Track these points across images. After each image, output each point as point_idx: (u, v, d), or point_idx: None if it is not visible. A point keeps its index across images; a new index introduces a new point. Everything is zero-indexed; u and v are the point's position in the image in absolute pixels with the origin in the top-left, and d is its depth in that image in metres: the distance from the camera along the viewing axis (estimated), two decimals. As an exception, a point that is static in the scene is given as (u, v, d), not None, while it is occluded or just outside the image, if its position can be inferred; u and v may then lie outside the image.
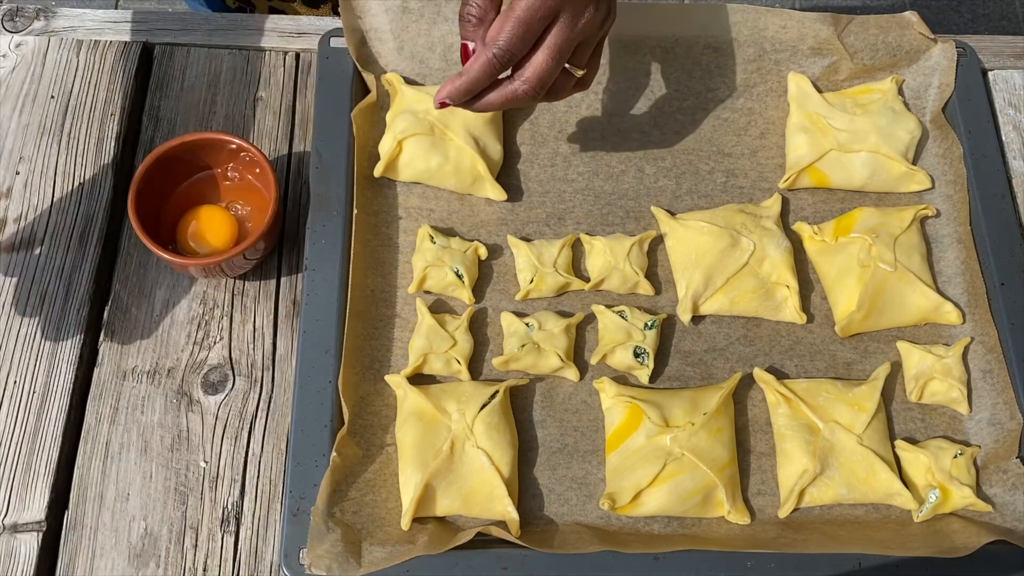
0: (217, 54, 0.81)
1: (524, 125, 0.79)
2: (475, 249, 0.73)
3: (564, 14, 0.60)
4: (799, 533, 0.65)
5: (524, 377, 0.70)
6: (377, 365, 0.70)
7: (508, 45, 0.59)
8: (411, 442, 0.65)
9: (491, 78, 0.61)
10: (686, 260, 0.73)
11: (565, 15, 0.60)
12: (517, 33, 0.59)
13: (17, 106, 0.78)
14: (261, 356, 0.70)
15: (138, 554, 0.64)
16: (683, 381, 0.71)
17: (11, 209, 0.74)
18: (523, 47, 0.60)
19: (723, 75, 0.80)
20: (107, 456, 0.67)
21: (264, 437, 0.68)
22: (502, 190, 0.75)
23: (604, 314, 0.71)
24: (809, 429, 0.67)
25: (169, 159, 0.70)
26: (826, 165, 0.77)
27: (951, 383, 0.69)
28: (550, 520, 0.66)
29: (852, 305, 0.72)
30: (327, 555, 0.61)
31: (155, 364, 0.70)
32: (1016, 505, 0.66)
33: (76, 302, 0.71)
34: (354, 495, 0.65)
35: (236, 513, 0.66)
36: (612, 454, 0.67)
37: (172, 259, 0.67)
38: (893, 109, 0.78)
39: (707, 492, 0.65)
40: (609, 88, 0.80)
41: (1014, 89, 0.83)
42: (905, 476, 0.67)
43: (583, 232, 0.75)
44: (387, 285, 0.73)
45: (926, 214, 0.76)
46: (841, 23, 0.79)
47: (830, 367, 0.72)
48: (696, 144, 0.80)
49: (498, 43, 0.59)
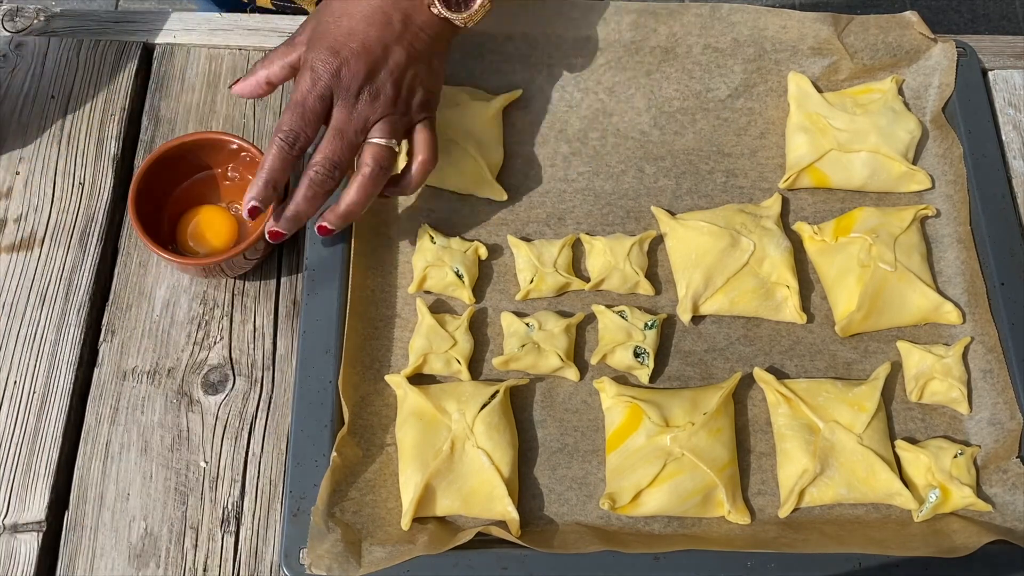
0: (217, 54, 0.81)
1: (524, 125, 0.79)
2: (475, 249, 0.73)
3: (337, 97, 0.64)
4: (799, 533, 0.65)
5: (524, 377, 0.70)
6: (377, 365, 0.70)
7: (290, 127, 0.62)
8: (411, 442, 0.65)
9: (284, 163, 0.63)
10: (686, 260, 0.73)
11: (338, 98, 0.64)
12: (296, 115, 0.62)
13: (17, 106, 0.78)
14: (261, 356, 0.71)
15: (138, 554, 0.64)
16: (683, 381, 0.71)
17: (11, 209, 0.74)
18: (305, 127, 0.62)
19: (723, 75, 0.80)
20: (107, 456, 0.67)
21: (264, 437, 0.68)
22: (502, 190, 0.75)
23: (604, 314, 0.71)
24: (809, 429, 0.67)
25: (169, 159, 0.70)
26: (826, 165, 0.77)
27: (951, 383, 0.69)
28: (550, 520, 0.66)
29: (852, 305, 0.72)
30: (327, 555, 0.61)
31: (155, 364, 0.70)
32: (1016, 505, 0.66)
33: (76, 302, 0.71)
34: (354, 495, 0.65)
35: (236, 513, 0.66)
36: (612, 454, 0.67)
37: (172, 259, 0.67)
38: (893, 109, 0.78)
39: (707, 492, 0.65)
40: (609, 88, 0.80)
41: (1014, 89, 0.83)
42: (905, 476, 0.67)
43: (583, 232, 0.75)
44: (387, 285, 0.73)
45: (926, 214, 0.76)
46: (841, 23, 0.79)
47: (830, 367, 0.72)
48: (696, 144, 0.80)
49: (281, 128, 0.62)
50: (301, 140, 0.62)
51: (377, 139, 0.65)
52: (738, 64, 0.80)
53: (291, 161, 0.63)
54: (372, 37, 0.64)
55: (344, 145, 0.64)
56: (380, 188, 0.67)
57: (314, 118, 0.63)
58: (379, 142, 0.65)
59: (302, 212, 0.65)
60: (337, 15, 0.65)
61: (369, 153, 0.65)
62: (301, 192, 0.64)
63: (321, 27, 0.65)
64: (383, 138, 0.65)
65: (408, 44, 0.65)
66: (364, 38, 0.63)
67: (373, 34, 0.64)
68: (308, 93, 0.63)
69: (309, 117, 0.63)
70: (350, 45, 0.63)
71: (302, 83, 0.63)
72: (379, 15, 0.64)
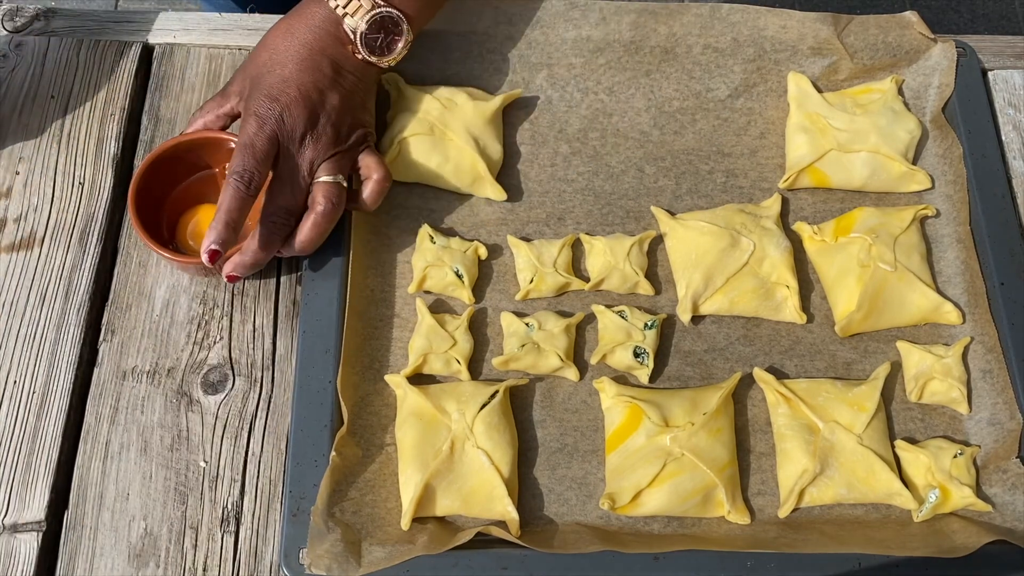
0: (217, 54, 0.81)
1: (524, 125, 0.79)
2: (475, 249, 0.73)
3: (284, 142, 0.66)
4: (799, 533, 0.65)
5: (524, 377, 0.70)
6: (377, 365, 0.70)
7: (243, 167, 0.63)
8: (411, 442, 0.65)
9: (242, 203, 0.63)
10: (686, 260, 0.73)
11: (284, 144, 0.66)
12: (247, 155, 0.64)
13: (17, 106, 0.78)
14: (261, 356, 0.70)
15: (138, 554, 0.64)
16: (683, 381, 0.71)
17: (11, 209, 0.74)
18: (257, 165, 0.64)
19: (723, 75, 0.80)
20: (107, 456, 0.67)
21: (264, 437, 0.68)
22: (502, 190, 0.75)
23: (604, 314, 0.71)
24: (809, 429, 0.67)
25: (169, 158, 0.70)
26: (826, 165, 0.77)
27: (951, 383, 0.69)
28: (550, 520, 0.66)
29: (852, 305, 0.72)
30: (327, 555, 0.61)
31: (155, 364, 0.70)
32: (1016, 505, 0.66)
33: (76, 302, 0.71)
34: (354, 495, 0.65)
35: (236, 513, 0.66)
36: (612, 454, 0.67)
37: (172, 258, 0.67)
38: (893, 109, 0.78)
39: (707, 492, 0.65)
40: (609, 88, 0.80)
41: (1014, 89, 0.83)
42: (905, 476, 0.67)
43: (583, 232, 0.75)
44: (387, 285, 0.73)
45: (926, 214, 0.76)
46: (841, 23, 0.79)
47: (830, 367, 0.72)
48: (696, 144, 0.80)
49: (235, 170, 0.63)
50: (256, 179, 0.64)
51: (325, 177, 0.68)
52: (738, 64, 0.80)
53: (248, 201, 0.64)
54: (307, 83, 0.67)
55: (295, 191, 0.67)
56: (334, 223, 0.69)
57: (264, 157, 0.64)
58: (328, 180, 0.68)
59: (260, 259, 0.67)
60: (269, 65, 0.67)
61: (320, 191, 0.67)
62: (258, 240, 0.66)
63: (256, 77, 0.67)
64: (331, 175, 0.68)
65: (340, 87, 0.69)
66: (299, 84, 0.66)
67: (307, 80, 0.67)
68: (256, 135, 0.64)
69: (260, 156, 0.64)
70: (288, 92, 0.66)
71: (248, 127, 0.65)
72: (309, 62, 0.67)
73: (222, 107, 0.70)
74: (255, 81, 0.67)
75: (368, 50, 0.69)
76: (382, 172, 0.70)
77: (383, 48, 0.70)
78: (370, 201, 0.70)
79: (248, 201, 0.64)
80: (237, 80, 0.70)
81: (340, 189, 0.68)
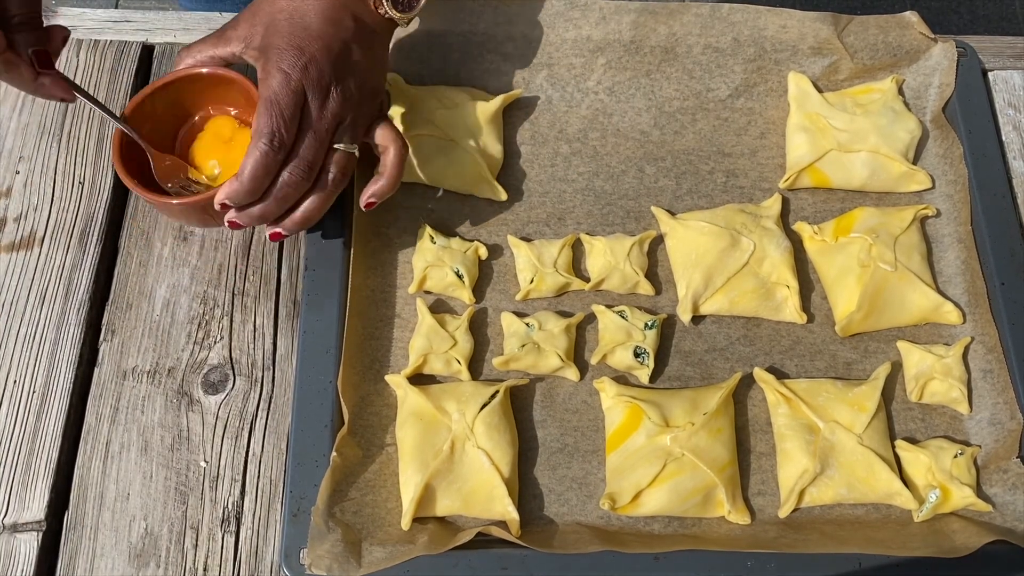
0: (217, 54, 0.81)
1: (524, 125, 0.79)
2: (475, 249, 0.73)
3: (310, 96, 0.61)
4: (799, 533, 0.65)
5: (524, 377, 0.70)
6: (377, 365, 0.70)
7: (271, 129, 0.59)
8: (411, 442, 0.65)
9: (269, 169, 0.60)
10: (686, 260, 0.73)
11: (312, 98, 0.61)
12: (274, 116, 0.59)
13: (17, 106, 0.78)
14: (261, 356, 0.70)
15: (138, 554, 0.64)
16: (683, 381, 0.71)
17: (11, 209, 0.74)
18: (284, 126, 0.60)
19: (723, 75, 0.80)
20: (107, 456, 0.67)
21: (264, 437, 0.68)
22: (502, 190, 0.75)
23: (604, 314, 0.71)
24: (809, 429, 0.67)
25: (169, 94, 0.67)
26: (826, 165, 0.77)
27: (951, 383, 0.69)
28: (550, 520, 0.66)
29: (852, 305, 0.72)
30: (327, 555, 0.61)
31: (155, 364, 0.70)
32: (1016, 505, 0.66)
33: (76, 302, 0.71)
34: (354, 495, 0.65)
35: (236, 513, 0.66)
36: (612, 454, 0.67)
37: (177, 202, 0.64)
38: (893, 109, 0.78)
39: (707, 492, 0.65)
40: (609, 88, 0.80)
41: (1014, 89, 0.83)
42: (905, 476, 0.67)
43: (583, 232, 0.75)
44: (387, 285, 0.73)
45: (926, 214, 0.76)
46: (841, 23, 0.79)
47: (830, 367, 0.72)
48: (696, 144, 0.80)
49: (262, 132, 0.59)
50: (284, 139, 0.60)
51: (342, 145, 0.64)
52: (738, 64, 0.80)
53: (275, 163, 0.60)
54: (331, 35, 0.62)
55: (319, 145, 0.62)
56: (337, 196, 0.66)
57: (291, 115, 0.60)
58: (343, 148, 0.64)
59: (270, 213, 0.63)
60: (289, 13, 0.62)
61: (333, 160, 0.64)
62: (274, 193, 0.62)
63: (272, 25, 0.63)
64: (347, 144, 0.64)
65: (362, 44, 0.64)
66: (323, 36, 0.62)
67: (331, 32, 0.62)
68: (281, 90, 0.60)
69: (287, 114, 0.60)
70: (313, 43, 0.61)
71: (271, 82, 0.60)
72: (332, 14, 0.63)
73: (218, 50, 0.65)
74: (271, 28, 0.62)
75: (391, 3, 0.66)
76: (400, 142, 0.66)
77: (406, 3, 0.67)
78: (394, 175, 0.66)
79: (275, 163, 0.60)
80: (243, 25, 0.64)
81: (353, 160, 0.65)
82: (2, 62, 0.58)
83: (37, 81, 0.60)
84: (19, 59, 0.59)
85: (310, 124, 0.61)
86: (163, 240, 0.74)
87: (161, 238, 0.74)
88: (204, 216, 0.66)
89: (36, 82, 0.61)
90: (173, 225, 0.74)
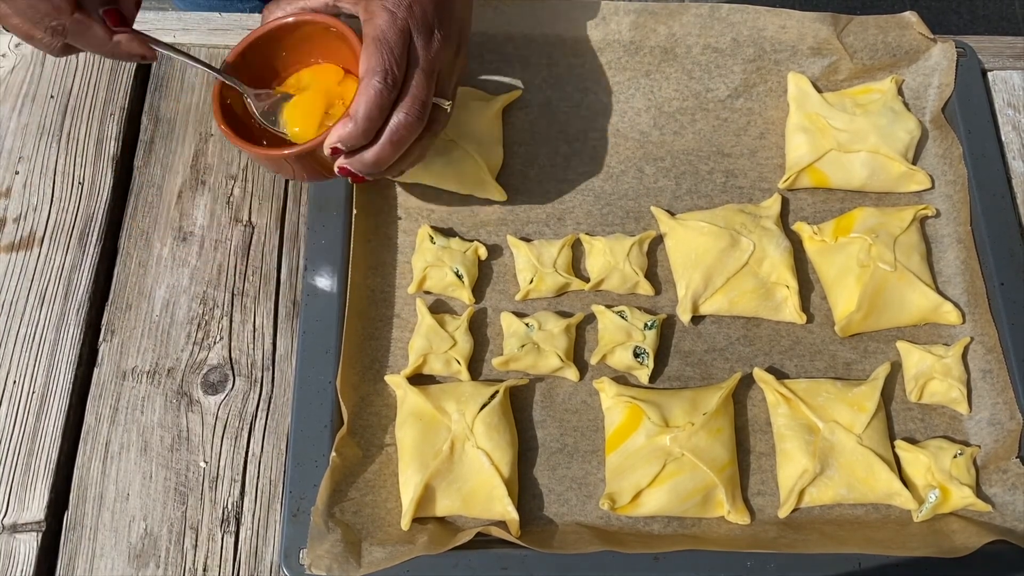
0: (217, 54, 0.81)
1: (524, 125, 0.79)
2: (475, 249, 0.73)
3: (416, 36, 0.59)
4: (799, 533, 0.65)
5: (524, 377, 0.70)
6: (377, 365, 0.70)
7: (383, 66, 0.57)
8: (411, 442, 0.65)
9: (383, 108, 0.58)
10: (686, 260, 0.73)
11: (417, 37, 0.59)
12: (384, 52, 0.57)
13: (17, 106, 0.78)
14: (261, 356, 0.70)
15: (138, 554, 0.64)
16: (683, 381, 0.71)
17: (11, 209, 0.74)
18: (395, 62, 0.57)
19: (722, 75, 0.80)
20: (107, 456, 0.67)
21: (264, 437, 0.68)
22: (502, 190, 0.75)
23: (604, 314, 0.71)
24: (809, 429, 0.67)
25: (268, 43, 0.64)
26: (826, 165, 0.77)
27: (951, 383, 0.69)
28: (550, 520, 0.66)
29: (852, 305, 0.72)
30: (327, 555, 0.61)
31: (155, 364, 0.70)
32: (1016, 505, 0.66)
33: (75, 302, 0.71)
34: (354, 495, 0.65)
35: (236, 513, 0.66)
36: (612, 454, 0.67)
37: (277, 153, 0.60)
38: (893, 109, 0.78)
39: (707, 492, 0.65)
40: (609, 88, 0.80)
41: (1014, 89, 0.83)
42: (905, 476, 0.67)
43: (583, 232, 0.75)
44: (387, 285, 0.73)
45: (926, 214, 0.76)
46: (841, 23, 0.79)
47: (830, 367, 0.72)
48: (696, 144, 0.80)
49: (374, 70, 0.57)
50: (396, 76, 0.57)
51: (441, 100, 0.61)
52: (738, 64, 0.80)
53: (388, 102, 0.57)
54: None
55: (430, 86, 0.59)
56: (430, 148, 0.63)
57: (401, 52, 0.57)
58: (441, 103, 0.62)
59: (384, 158, 0.60)
60: None
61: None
62: (388, 135, 0.59)
63: None
64: (445, 99, 0.62)
65: None
66: None
67: None
68: (388, 28, 0.57)
69: (398, 52, 0.57)
70: None
71: (379, 20, 0.58)
72: None
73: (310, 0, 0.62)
74: None
75: None
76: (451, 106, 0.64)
77: None
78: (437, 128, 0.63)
79: (389, 102, 0.57)
80: None
81: (446, 117, 0.63)
82: (73, 23, 0.57)
83: (112, 41, 0.59)
84: (90, 20, 0.58)
85: (418, 63, 0.59)
86: (163, 240, 0.74)
87: (160, 238, 0.74)
88: (314, 166, 0.62)
89: (111, 42, 0.59)
90: (173, 225, 0.74)
